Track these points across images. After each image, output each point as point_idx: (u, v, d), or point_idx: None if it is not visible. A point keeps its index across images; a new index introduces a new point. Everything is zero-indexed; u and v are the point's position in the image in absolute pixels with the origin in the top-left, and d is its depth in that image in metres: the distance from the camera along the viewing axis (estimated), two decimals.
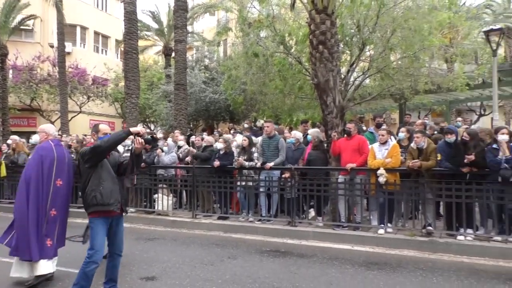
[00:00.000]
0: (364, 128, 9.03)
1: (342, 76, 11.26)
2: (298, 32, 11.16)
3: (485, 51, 12.78)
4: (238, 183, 8.09)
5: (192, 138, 10.59)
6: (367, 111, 18.58)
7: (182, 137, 10.12)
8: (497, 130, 6.25)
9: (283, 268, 5.31)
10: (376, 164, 6.71)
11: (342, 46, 11.48)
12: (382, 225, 6.70)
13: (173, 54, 17.86)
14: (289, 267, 5.35)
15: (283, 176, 7.69)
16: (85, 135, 12.13)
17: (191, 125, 19.67)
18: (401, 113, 15.04)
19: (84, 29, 27.07)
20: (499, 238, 6.00)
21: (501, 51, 19.46)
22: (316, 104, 11.27)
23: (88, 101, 23.84)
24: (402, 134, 7.20)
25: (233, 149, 8.39)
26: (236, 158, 8.03)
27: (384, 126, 8.86)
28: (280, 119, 14.86)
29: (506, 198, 5.90)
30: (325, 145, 7.85)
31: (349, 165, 6.92)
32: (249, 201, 8.00)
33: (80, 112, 23.71)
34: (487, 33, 10.15)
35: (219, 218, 8.09)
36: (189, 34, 21.16)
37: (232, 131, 12.10)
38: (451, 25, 13.61)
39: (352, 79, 11.76)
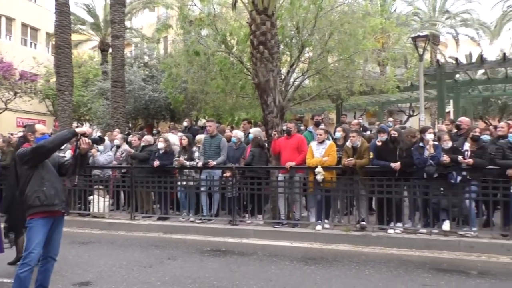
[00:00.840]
0: (302, 127, 9.28)
1: (283, 77, 11.50)
2: (239, 32, 11.21)
3: (413, 56, 13.65)
4: (179, 183, 7.96)
5: (130, 138, 10.25)
6: (307, 111, 19.15)
7: (120, 136, 9.74)
8: (423, 130, 6.73)
9: (224, 267, 5.32)
10: (314, 162, 6.93)
11: (283, 47, 11.71)
12: (320, 221, 6.94)
13: (110, 50, 17.13)
14: (229, 265, 5.37)
15: (224, 175, 7.70)
16: (12, 134, 11.27)
17: (130, 124, 19.01)
18: (338, 113, 15.68)
19: (10, 20, 25.14)
20: (424, 230, 6.47)
21: (427, 56, 20.94)
22: (257, 104, 11.42)
23: (15, 98, 22.15)
24: (339, 134, 7.51)
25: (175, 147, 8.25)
26: (176, 157, 7.90)
27: (322, 126, 9.20)
28: (222, 118, 14.85)
29: (431, 193, 6.39)
30: (266, 144, 7.98)
31: (289, 164, 7.08)
32: (190, 201, 7.91)
33: (6, 109, 21.98)
34: (415, 39, 10.88)
35: (159, 219, 7.92)
36: (127, 30, 20.40)
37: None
38: (383, 30, 14.40)
39: (292, 79, 12.04)
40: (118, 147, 9.16)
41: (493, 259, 5.56)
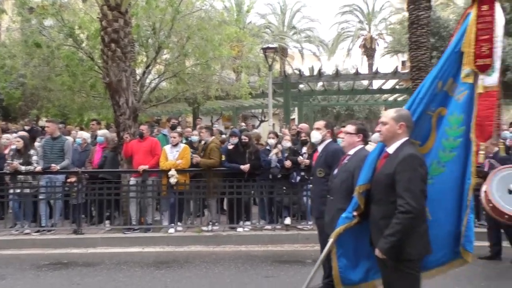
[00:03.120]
0: (156, 130, 9.13)
1: (138, 77, 11.16)
2: (90, 26, 10.45)
3: (264, 65, 14.73)
4: (12, 191, 7.00)
5: None
6: (164, 113, 18.88)
7: None
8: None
9: (65, 280, 4.89)
10: (168, 165, 6.90)
11: (138, 47, 11.36)
12: (173, 225, 6.94)
13: None
14: (71, 278, 4.96)
15: (69, 180, 7.07)
16: None
17: None
18: (194, 117, 15.89)
19: None
20: (269, 226, 7.04)
21: (277, 67, 22.85)
22: (109, 104, 10.82)
23: None
24: (195, 137, 7.62)
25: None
26: (9, 161, 6.92)
27: (179, 129, 9.21)
28: (69, 119, 13.59)
29: (275, 192, 6.98)
30: (117, 146, 7.61)
31: (141, 167, 6.90)
32: (25, 211, 7.01)
33: None
34: (265, 50, 11.75)
35: None
36: None
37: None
38: (238, 39, 15.17)
39: (148, 81, 11.77)
40: None
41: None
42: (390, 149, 2.80)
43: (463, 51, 3.00)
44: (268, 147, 7.10)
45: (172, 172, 6.78)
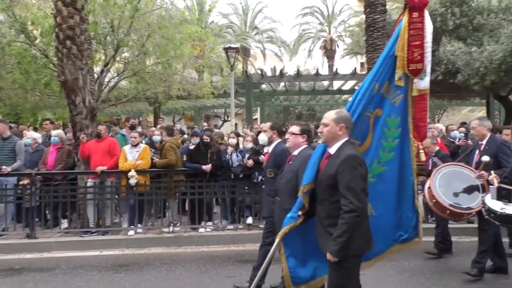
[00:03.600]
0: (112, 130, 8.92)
1: (96, 76, 10.84)
2: (44, 22, 10.03)
3: (226, 65, 14.73)
4: None
5: None
6: (123, 113, 18.45)
7: None
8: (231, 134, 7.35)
9: (17, 287, 4.69)
10: (127, 166, 6.76)
11: (96, 44, 11.04)
12: (133, 227, 6.81)
13: None
14: (24, 284, 4.76)
15: (21, 182, 6.77)
16: None
17: None
18: (155, 117, 15.64)
19: None
20: (231, 226, 7.05)
21: (240, 67, 22.91)
22: (65, 103, 10.44)
23: None
24: (157, 137, 7.52)
25: None
26: None
27: (139, 129, 9.04)
28: (21, 118, 12.98)
29: (237, 192, 6.99)
30: (73, 147, 7.37)
31: (99, 168, 6.71)
32: None
33: None
34: (227, 50, 11.75)
35: None
36: None
37: None
38: (200, 38, 15.07)
39: (106, 79, 11.46)
40: None
41: None
42: (332, 150, 2.88)
43: (397, 55, 3.18)
44: (230, 147, 7.12)
45: (132, 173, 6.65)
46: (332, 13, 30.97)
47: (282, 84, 17.64)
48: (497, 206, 3.94)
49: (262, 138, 4.49)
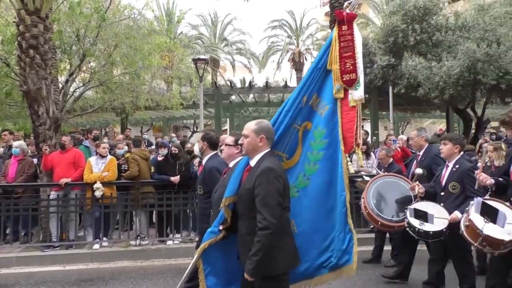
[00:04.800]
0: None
1: (60, 86, 10.59)
2: (5, 30, 9.75)
3: (196, 76, 14.73)
4: None
5: None
6: (89, 123, 18.04)
7: None
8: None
9: None
10: (93, 178, 6.62)
11: (61, 54, 10.81)
12: (98, 240, 6.64)
13: None
14: None
15: None
16: None
17: None
18: (122, 127, 15.36)
19: None
20: (197, 238, 6.98)
21: (209, 78, 22.93)
22: (28, 113, 10.11)
23: None
24: (121, 150, 7.40)
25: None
26: None
27: (106, 140, 8.87)
28: None
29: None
30: (36, 159, 7.15)
31: (63, 180, 6.53)
32: None
33: None
34: (195, 61, 11.73)
35: None
36: None
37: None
38: (168, 49, 15.03)
39: (72, 89, 11.21)
40: None
41: None
42: (252, 162, 2.78)
43: (330, 68, 3.19)
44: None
45: (98, 185, 6.52)
46: (300, 26, 31.60)
47: (252, 95, 17.78)
48: (416, 222, 3.97)
49: (195, 149, 4.26)
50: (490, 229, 3.32)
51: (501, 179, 3.79)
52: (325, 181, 3.11)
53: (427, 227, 3.89)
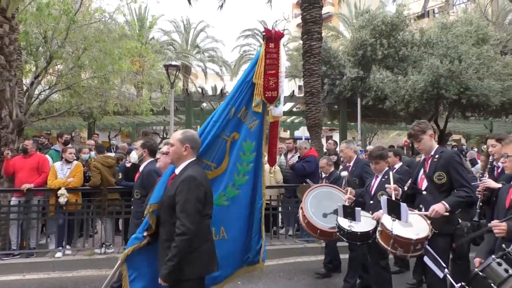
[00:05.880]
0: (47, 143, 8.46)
1: (25, 88, 10.25)
2: None
3: (167, 82, 14.62)
4: None
5: None
6: (55, 127, 17.52)
7: None
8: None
9: None
10: (57, 184, 6.42)
11: (27, 55, 10.48)
12: (61, 248, 6.42)
13: None
14: None
15: None
16: None
17: None
18: (89, 132, 15.01)
19: None
20: None
21: (180, 84, 22.77)
22: None
23: None
24: (86, 155, 7.22)
25: None
26: None
27: (70, 145, 8.61)
28: None
29: None
30: None
31: (25, 186, 6.30)
32: None
33: None
34: (167, 67, 11.66)
35: None
36: None
37: None
38: (139, 54, 14.87)
39: (37, 92, 10.87)
40: None
41: None
42: (177, 170, 2.84)
43: (255, 82, 3.28)
44: None
45: (62, 191, 6.31)
46: None
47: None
48: (345, 223, 4.01)
49: (133, 156, 4.35)
50: (398, 229, 3.41)
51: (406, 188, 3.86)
52: (251, 191, 3.33)
53: (356, 227, 3.95)
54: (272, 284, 3.40)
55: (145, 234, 2.88)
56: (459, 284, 2.85)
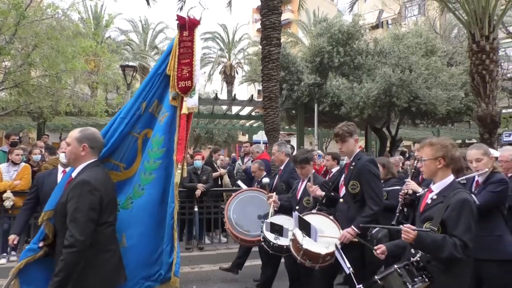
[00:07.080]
0: None
1: None
2: None
3: (123, 83, 14.23)
4: None
5: None
6: (1, 127, 16.58)
7: None
8: None
9: None
10: (3, 186, 6.10)
11: None
12: (5, 254, 6.09)
13: None
14: None
15: None
16: None
17: None
18: (39, 133, 14.33)
19: None
20: None
21: (138, 85, 22.27)
22: None
23: None
24: (38, 156, 6.89)
25: None
26: None
27: (21, 146, 8.18)
28: None
29: None
30: None
31: None
32: None
33: None
34: (123, 68, 11.40)
35: None
36: None
37: None
38: (95, 53, 14.40)
39: None
40: None
41: None
42: (74, 173, 2.60)
43: (169, 74, 3.01)
44: None
45: (8, 194, 6.02)
46: (232, 40, 32.07)
47: None
48: (271, 236, 3.90)
49: (62, 157, 3.96)
50: (308, 243, 3.36)
51: (330, 192, 3.84)
52: (159, 192, 2.91)
53: (282, 241, 3.85)
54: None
55: (41, 244, 2.58)
56: (360, 286, 2.85)
